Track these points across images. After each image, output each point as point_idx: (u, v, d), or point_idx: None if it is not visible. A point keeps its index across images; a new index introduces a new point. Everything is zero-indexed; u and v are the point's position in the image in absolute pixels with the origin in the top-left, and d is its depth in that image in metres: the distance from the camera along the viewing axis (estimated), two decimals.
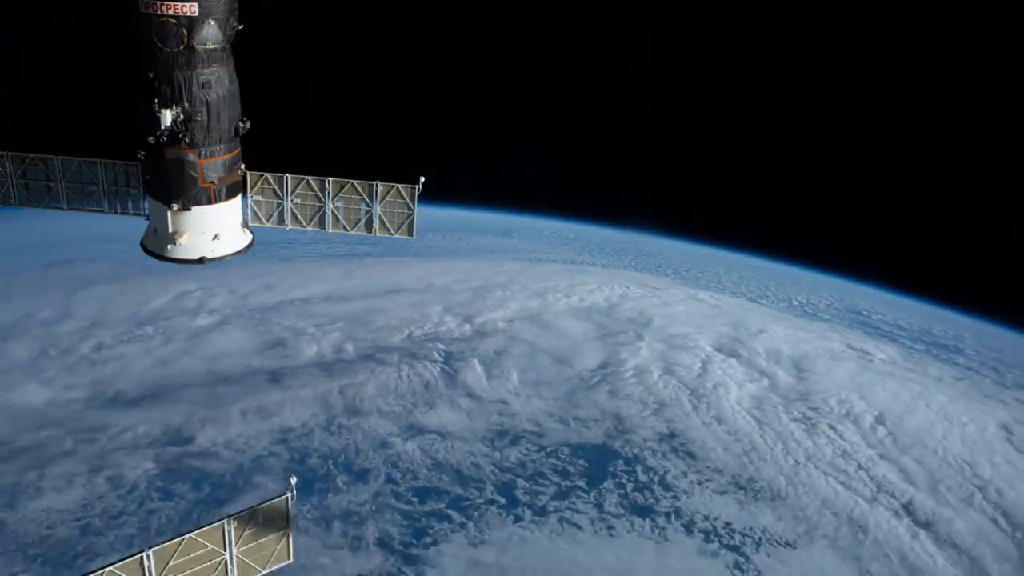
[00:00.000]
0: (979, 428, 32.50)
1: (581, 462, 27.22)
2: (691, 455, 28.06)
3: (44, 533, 20.82)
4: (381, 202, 8.41)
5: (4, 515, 21.35)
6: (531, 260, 43.73)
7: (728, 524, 25.46)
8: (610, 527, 24.65)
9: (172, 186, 7.31)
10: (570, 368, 32.01)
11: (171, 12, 6.47)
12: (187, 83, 6.86)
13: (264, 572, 7.46)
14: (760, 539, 25.03)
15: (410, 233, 8.55)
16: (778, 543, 25.00)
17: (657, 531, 24.69)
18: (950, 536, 26.23)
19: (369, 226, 8.53)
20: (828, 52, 43.65)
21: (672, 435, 28.84)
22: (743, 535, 25.11)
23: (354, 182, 8.35)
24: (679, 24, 45.60)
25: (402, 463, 26.20)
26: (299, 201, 8.45)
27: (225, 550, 7.09)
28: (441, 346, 32.55)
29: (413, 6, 41.73)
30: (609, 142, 50.67)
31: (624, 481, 26.51)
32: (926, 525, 26.62)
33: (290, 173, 8.33)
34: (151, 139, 6.96)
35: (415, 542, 23.06)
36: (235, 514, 7.09)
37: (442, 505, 24.66)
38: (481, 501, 24.94)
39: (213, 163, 7.36)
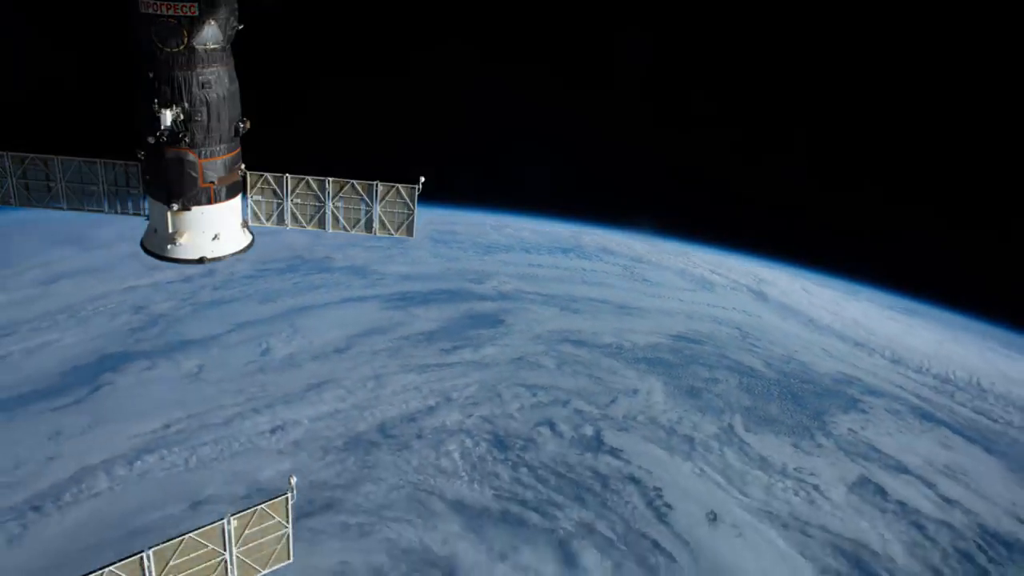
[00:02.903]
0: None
1: (558, 249, 51.05)
2: (611, 253, 51.73)
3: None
4: (381, 202, 8.41)
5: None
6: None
7: (627, 261, 50.31)
8: (572, 259, 49.96)
9: (172, 186, 7.31)
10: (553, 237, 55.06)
11: (171, 12, 6.47)
12: (187, 83, 6.85)
13: (264, 572, 7.47)
14: (640, 263, 50.22)
15: (410, 233, 8.56)
16: (646, 277, 48.28)
17: (588, 262, 49.79)
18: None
19: (369, 226, 8.53)
20: (829, 51, 43.69)
21: (607, 251, 52.34)
22: (635, 261, 50.48)
23: (354, 182, 8.35)
24: (679, 23, 45.64)
25: (475, 242, 50.22)
26: (299, 201, 8.45)
27: (225, 550, 7.10)
28: (489, 228, 53.80)
29: (413, 6, 41.77)
30: (609, 142, 50.71)
31: (584, 253, 51.13)
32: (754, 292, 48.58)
33: (290, 173, 8.33)
34: (151, 139, 6.96)
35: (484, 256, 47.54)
36: (235, 514, 7.09)
37: (499, 254, 48.53)
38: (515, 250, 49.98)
39: (213, 163, 7.35)
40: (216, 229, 7.70)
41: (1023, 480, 30.92)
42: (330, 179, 8.33)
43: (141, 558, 6.58)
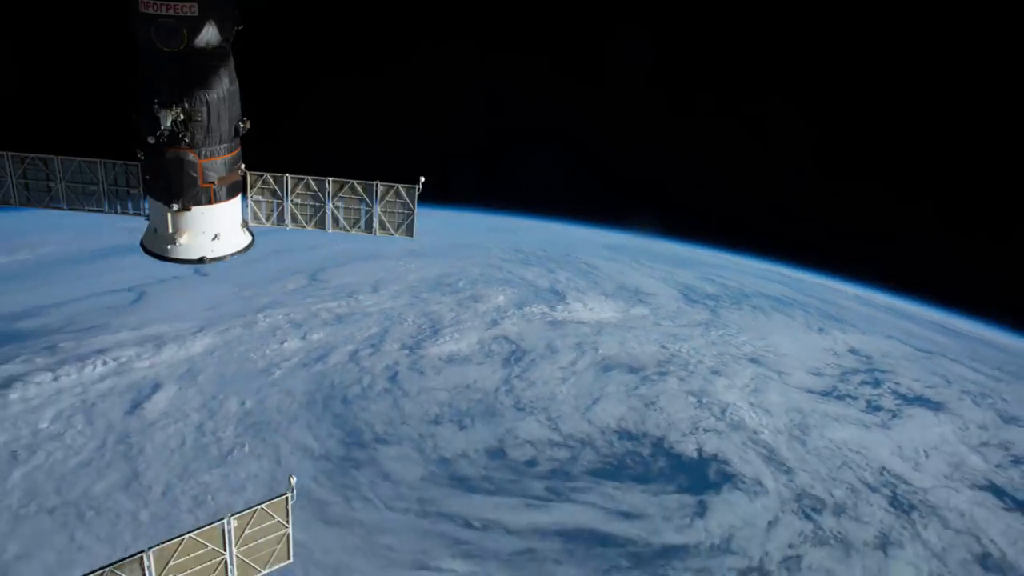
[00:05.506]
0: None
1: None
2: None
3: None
4: (381, 202, 8.40)
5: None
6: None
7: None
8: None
9: (172, 186, 7.30)
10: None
11: (171, 12, 6.46)
12: (187, 83, 6.84)
13: (264, 572, 7.48)
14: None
15: (410, 233, 8.54)
16: None
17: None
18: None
19: (369, 226, 8.52)
20: (830, 50, 43.67)
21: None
22: None
23: (354, 182, 8.33)
24: (680, 23, 45.62)
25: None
26: (299, 201, 8.43)
27: (225, 550, 7.11)
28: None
29: (413, 5, 41.76)
30: (609, 142, 50.81)
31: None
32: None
33: (290, 173, 8.32)
34: (151, 139, 6.95)
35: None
36: (235, 514, 7.10)
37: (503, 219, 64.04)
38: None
39: (213, 163, 7.34)
40: (216, 229, 7.70)
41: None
42: (330, 179, 8.31)
43: (141, 558, 6.58)
